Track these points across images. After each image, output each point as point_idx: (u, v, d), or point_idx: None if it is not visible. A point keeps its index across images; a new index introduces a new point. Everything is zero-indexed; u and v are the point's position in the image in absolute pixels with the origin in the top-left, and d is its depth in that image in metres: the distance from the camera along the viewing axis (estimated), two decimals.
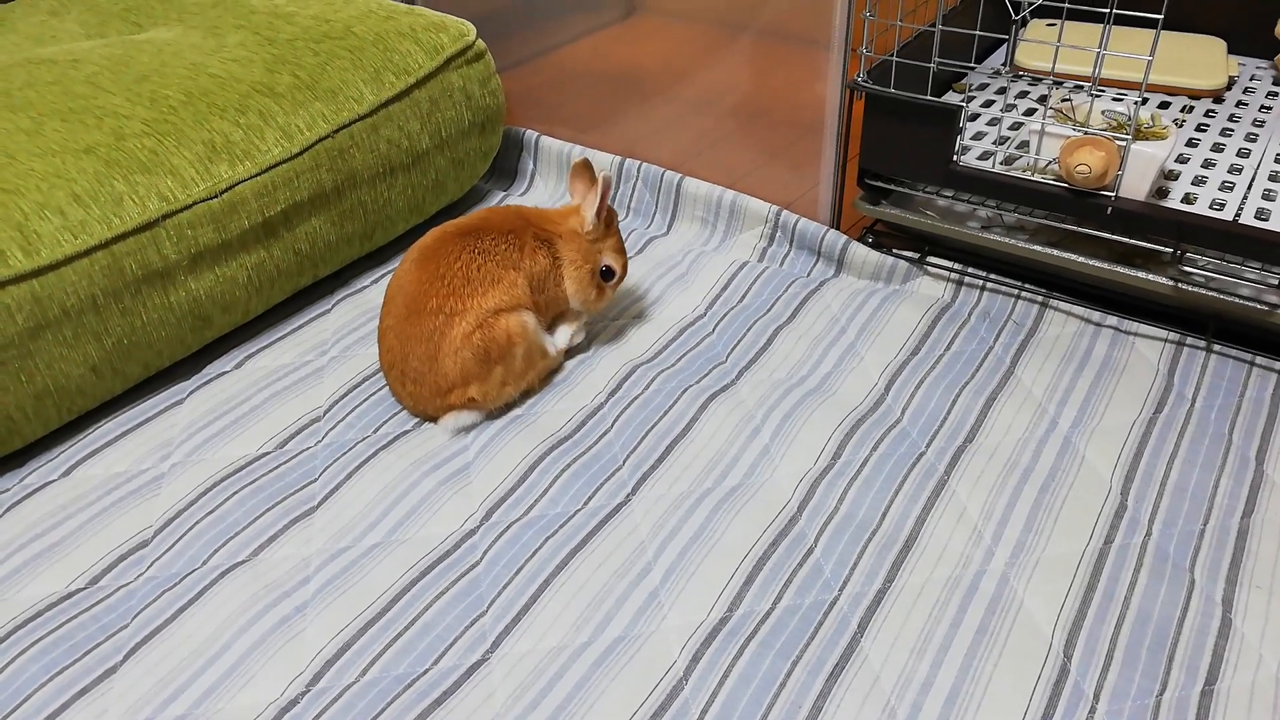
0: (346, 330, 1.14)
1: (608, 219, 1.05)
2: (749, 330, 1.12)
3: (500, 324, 0.96)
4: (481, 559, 0.85)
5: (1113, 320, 1.11)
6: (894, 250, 1.20)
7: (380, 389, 1.04)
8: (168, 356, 1.04)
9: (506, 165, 1.44)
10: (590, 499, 0.91)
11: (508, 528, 0.88)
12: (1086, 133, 1.03)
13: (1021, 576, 0.83)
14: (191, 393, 1.05)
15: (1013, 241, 1.12)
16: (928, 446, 0.95)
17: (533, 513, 0.90)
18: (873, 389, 1.03)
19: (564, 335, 1.07)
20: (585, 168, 1.05)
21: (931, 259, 1.19)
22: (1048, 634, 0.78)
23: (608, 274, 1.06)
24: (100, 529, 0.89)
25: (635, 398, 1.02)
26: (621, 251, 1.07)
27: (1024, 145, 1.17)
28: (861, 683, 0.75)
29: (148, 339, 1.00)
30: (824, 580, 0.83)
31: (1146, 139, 1.05)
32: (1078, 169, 1.01)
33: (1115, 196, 1.03)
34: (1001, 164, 1.13)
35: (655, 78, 1.56)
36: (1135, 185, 1.04)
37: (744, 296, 1.18)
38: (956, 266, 1.19)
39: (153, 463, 0.96)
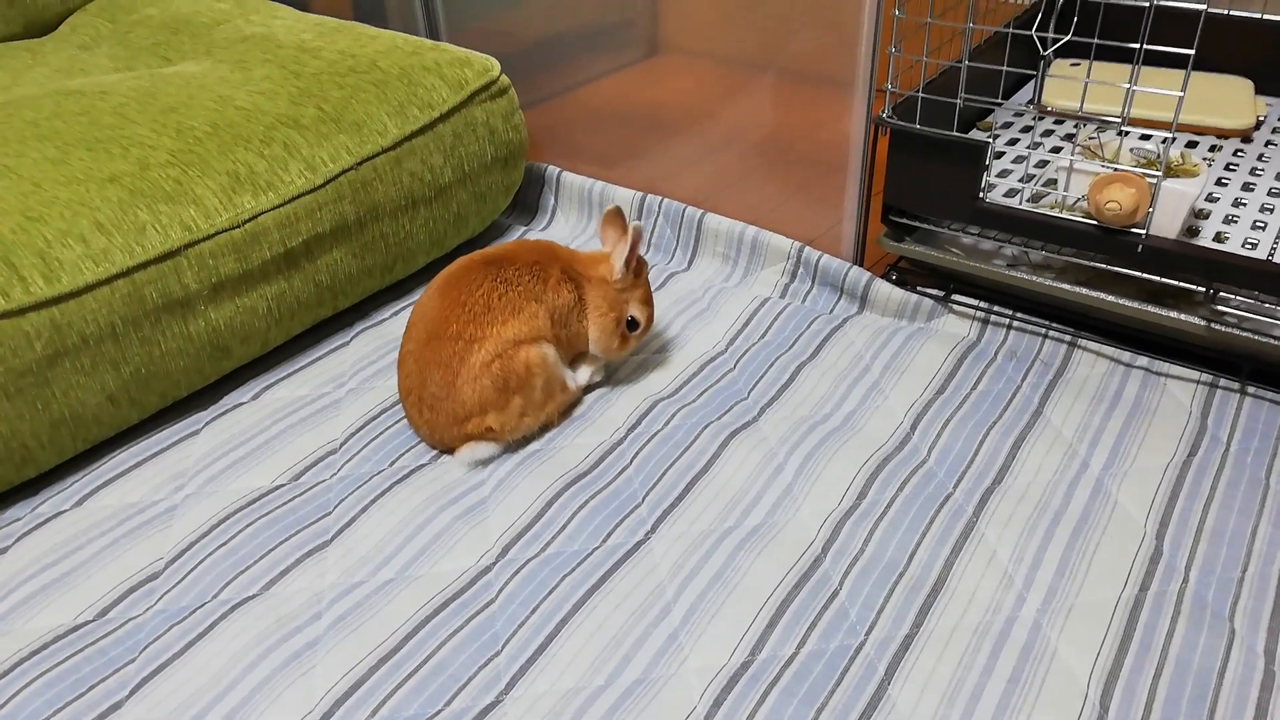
0: (365, 363, 1.13)
1: (637, 269, 1.04)
2: (771, 367, 1.10)
3: (520, 355, 0.95)
4: (497, 596, 0.83)
5: (1143, 361, 1.08)
6: (918, 288, 1.18)
7: (396, 422, 1.03)
8: (185, 387, 1.04)
9: (528, 200, 1.44)
10: (609, 536, 0.89)
11: (524, 565, 0.86)
12: (1116, 169, 1.01)
13: (1055, 623, 0.80)
14: (208, 423, 1.04)
15: (1040, 280, 1.10)
16: (955, 487, 0.93)
17: (549, 550, 0.88)
18: (898, 428, 1.01)
19: (584, 373, 1.06)
20: (617, 216, 1.05)
21: (957, 297, 1.17)
22: (1083, 684, 0.75)
23: (632, 325, 1.05)
24: (111, 560, 0.88)
25: (655, 434, 1.00)
26: (648, 303, 1.06)
27: (1051, 182, 1.15)
28: None
29: (166, 369, 1.00)
30: (849, 624, 0.80)
31: (1177, 176, 1.04)
32: (1108, 206, 1.00)
33: (1146, 234, 1.01)
34: (1028, 201, 1.12)
35: (677, 116, 1.57)
36: (1166, 223, 1.02)
37: (766, 333, 1.16)
38: (982, 305, 1.17)
39: (166, 493, 0.95)
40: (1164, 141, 1.16)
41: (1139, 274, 1.04)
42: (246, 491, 0.95)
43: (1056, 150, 1.26)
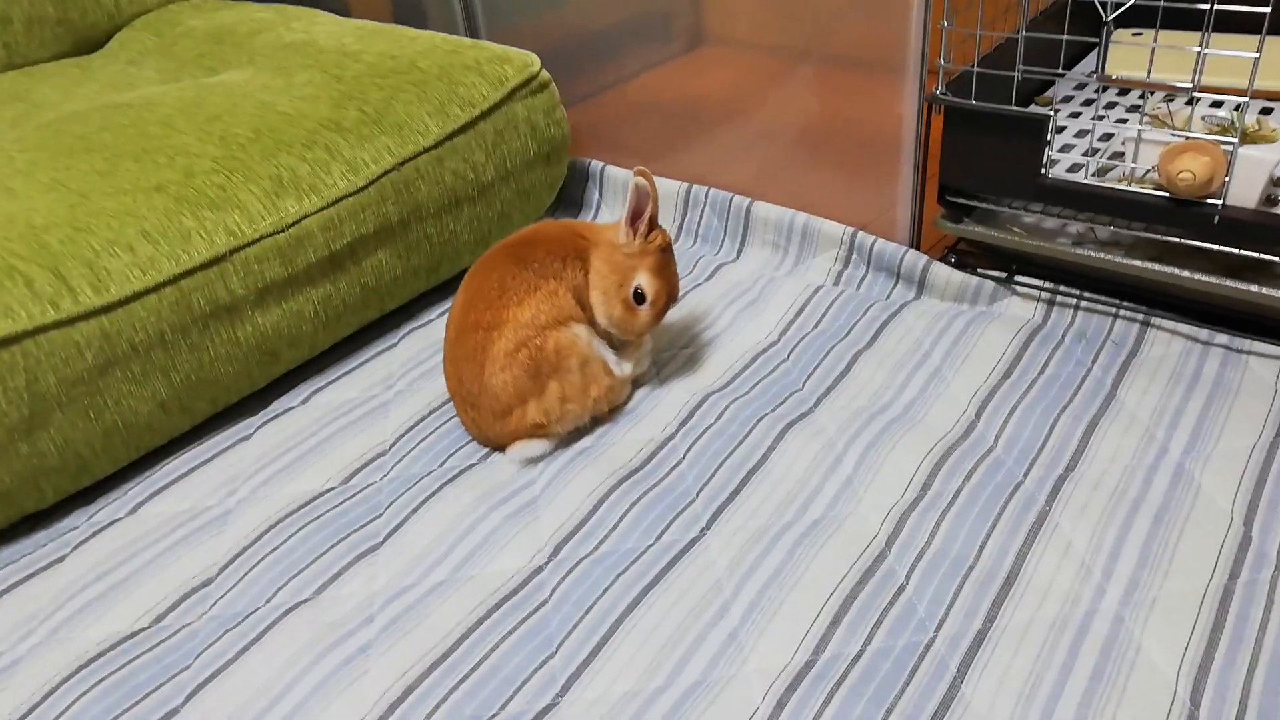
0: (413, 364, 1.12)
1: (656, 237, 0.96)
2: (826, 356, 1.07)
3: (549, 339, 0.93)
4: (550, 597, 0.81)
5: (1222, 338, 1.03)
6: (979, 270, 1.14)
7: (445, 422, 1.02)
8: (235, 392, 1.04)
9: (572, 195, 1.42)
10: (663, 533, 0.86)
11: (577, 564, 0.84)
12: (1189, 137, 0.96)
13: (1138, 616, 0.75)
14: (258, 428, 1.04)
15: (1108, 257, 1.05)
16: (1026, 475, 0.89)
17: (603, 548, 0.85)
18: (962, 415, 0.96)
19: (627, 363, 1.03)
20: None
21: (1020, 278, 1.13)
22: (1171, 680, 0.71)
23: (638, 296, 0.96)
24: (165, 567, 0.88)
25: (708, 427, 0.97)
26: (660, 274, 0.96)
27: (1118, 155, 1.10)
28: None
29: (215, 375, 1.00)
30: (918, 620, 0.76)
31: (1254, 142, 0.98)
32: (1180, 176, 0.94)
33: (1222, 205, 0.95)
34: (1094, 175, 1.07)
35: (723, 106, 1.53)
36: (1243, 192, 0.96)
37: (819, 321, 1.13)
38: (1047, 285, 1.12)
39: (218, 499, 0.95)
40: (1238, 107, 1.10)
41: (1216, 247, 0.98)
42: (298, 495, 0.94)
43: (1122, 122, 1.20)
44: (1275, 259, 0.97)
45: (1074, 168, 1.12)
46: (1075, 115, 1.24)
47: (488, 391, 0.93)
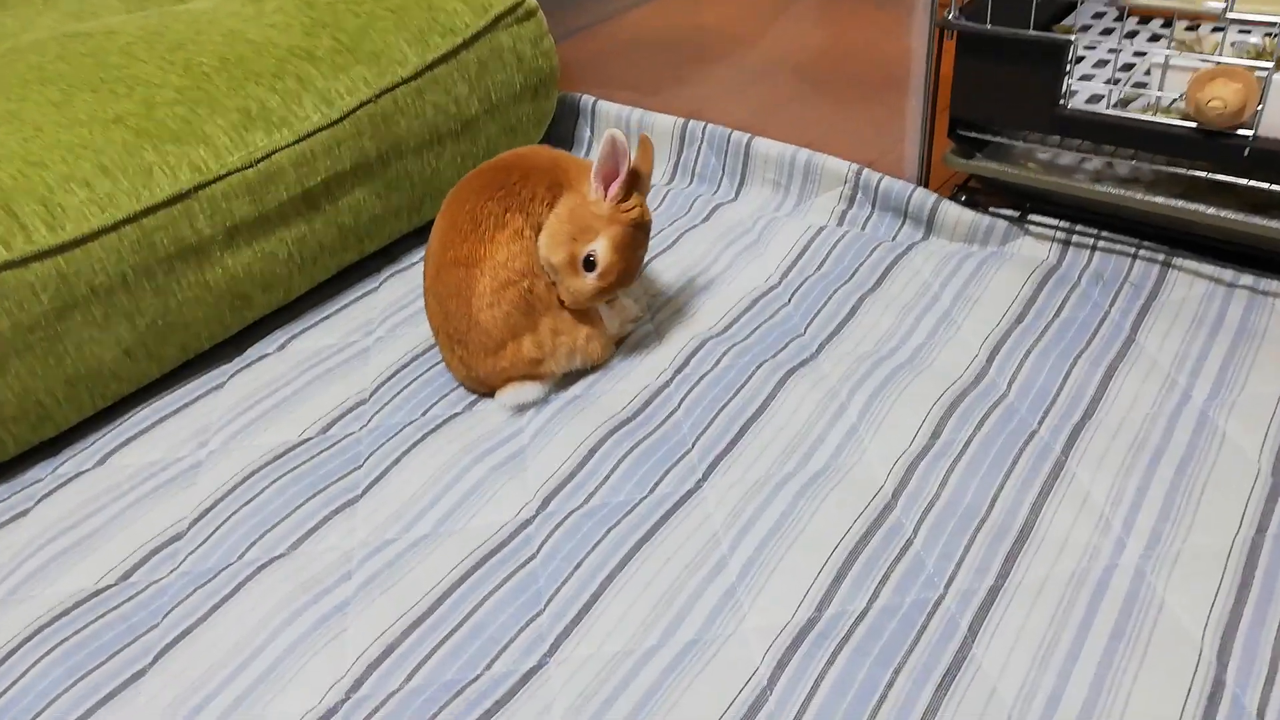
0: (394, 308, 1.06)
1: (633, 208, 0.87)
2: (829, 300, 1.01)
3: (539, 283, 0.88)
4: (538, 552, 0.77)
5: (1248, 279, 0.97)
6: (991, 209, 1.08)
7: (429, 369, 0.97)
8: (206, 338, 0.98)
9: (563, 133, 1.35)
10: (656, 485, 0.81)
11: (566, 517, 0.79)
12: (1220, 62, 0.89)
13: (1160, 571, 0.71)
14: (232, 376, 0.99)
15: (1128, 194, 0.99)
16: (1040, 424, 0.84)
17: (593, 501, 0.81)
18: (973, 361, 0.91)
19: (614, 318, 0.96)
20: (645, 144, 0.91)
21: (1034, 217, 1.07)
22: (1197, 639, 0.67)
23: (588, 262, 0.87)
24: (134, 520, 0.83)
25: (704, 375, 0.92)
26: (620, 251, 0.86)
27: (1141, 85, 1.04)
28: (976, 695, 0.64)
29: (184, 319, 0.94)
30: (926, 576, 0.72)
31: None
32: (1210, 104, 0.88)
33: (1254, 136, 0.89)
34: (1116, 105, 1.01)
35: (722, 39, 1.46)
36: (1278, 122, 0.90)
37: (822, 263, 1.07)
38: (1063, 224, 1.06)
39: (190, 450, 0.90)
40: (1269, 34, 1.04)
41: (1246, 182, 0.93)
42: (273, 446, 0.89)
43: (1142, 54, 1.14)
44: None
45: (1094, 98, 1.06)
46: (1093, 46, 1.17)
47: (478, 327, 0.88)
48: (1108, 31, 1.20)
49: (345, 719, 0.66)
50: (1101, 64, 1.14)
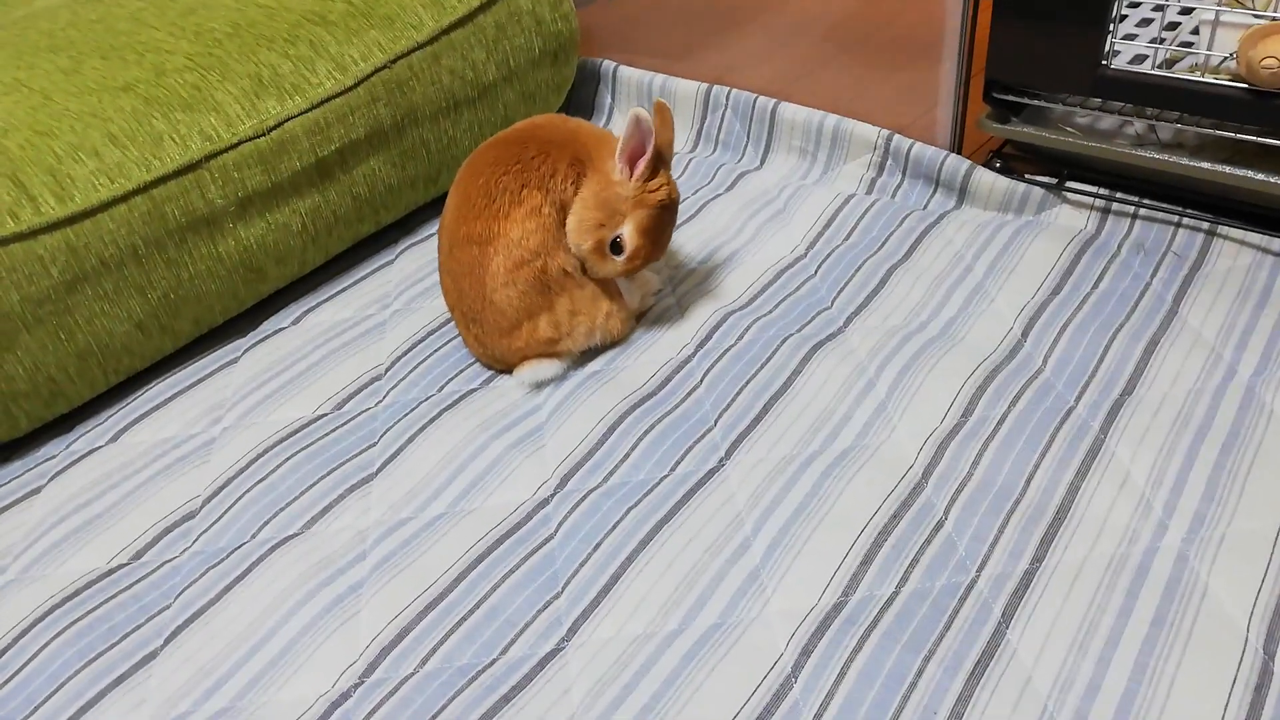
0: (411, 281, 1.04)
1: (659, 188, 0.84)
2: (857, 271, 0.98)
3: (551, 263, 0.85)
4: (556, 532, 0.75)
5: None
6: (1026, 175, 1.04)
7: (446, 344, 0.94)
8: (220, 312, 0.97)
9: (583, 99, 1.32)
10: (678, 464, 0.79)
11: (585, 496, 0.77)
12: (1274, 19, 0.85)
13: (1204, 556, 0.68)
14: (246, 350, 0.97)
15: (1172, 159, 0.95)
16: (1077, 400, 0.81)
17: (613, 479, 0.78)
18: (1007, 335, 0.88)
19: (634, 294, 0.94)
20: (660, 111, 0.86)
21: (1071, 184, 1.03)
22: (1242, 627, 0.64)
23: (615, 246, 0.85)
24: (147, 498, 0.82)
25: (728, 349, 0.90)
26: (648, 235, 0.85)
27: (1187, 45, 0.99)
28: (1011, 684, 0.62)
29: (196, 293, 0.93)
30: (958, 559, 0.69)
31: None
32: (1264, 63, 0.83)
33: None
34: (1161, 65, 0.96)
35: (747, 2, 1.41)
36: None
37: (850, 233, 1.03)
38: (1102, 192, 1.02)
39: (203, 426, 0.89)
40: None
41: None
42: (287, 422, 0.88)
43: (1187, 12, 1.08)
44: None
45: (1137, 58, 1.01)
46: (1136, 3, 1.12)
47: (492, 307, 0.86)
48: None
49: (359, 703, 0.65)
50: (1145, 22, 1.09)
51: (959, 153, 1.07)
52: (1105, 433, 0.77)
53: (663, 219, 0.86)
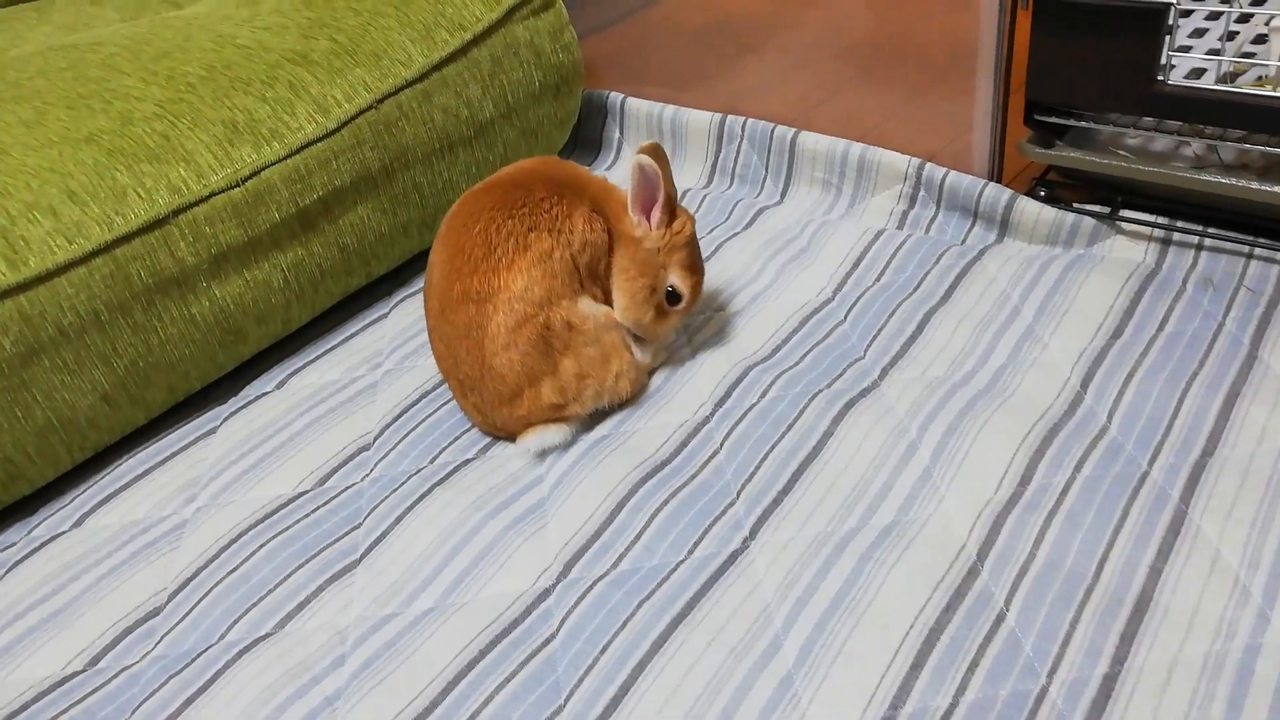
0: (405, 337, 0.96)
1: (682, 226, 0.81)
2: (891, 315, 0.89)
3: (556, 314, 0.77)
4: (558, 630, 0.66)
5: None
6: (1075, 204, 0.94)
7: (440, 407, 0.86)
8: (196, 378, 0.89)
9: (589, 135, 1.24)
10: (696, 545, 0.70)
11: (591, 586, 0.68)
12: None
13: None
14: (226, 419, 0.89)
15: (1237, 183, 0.85)
16: (1151, 464, 0.71)
17: (622, 565, 0.69)
18: (1065, 386, 0.78)
19: (642, 350, 0.85)
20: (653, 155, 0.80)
21: (1126, 212, 0.93)
22: None
23: (673, 298, 0.83)
24: (108, 592, 0.74)
25: (750, 408, 0.81)
26: (693, 269, 0.83)
27: (1249, 55, 0.89)
28: None
29: (168, 359, 0.85)
30: (1025, 661, 0.60)
31: None
32: None
33: None
34: (1222, 80, 0.86)
35: (762, 26, 1.33)
36: None
37: (882, 273, 0.94)
38: (1161, 220, 0.92)
39: (176, 506, 0.81)
40: None
41: None
42: (266, 501, 0.80)
43: (1245, 19, 0.99)
44: None
45: (1195, 72, 0.91)
46: (1188, 11, 1.03)
47: (492, 373, 0.77)
48: None
49: None
50: (1199, 33, 0.99)
51: (998, 181, 0.98)
52: (1187, 503, 0.67)
53: (695, 248, 0.84)
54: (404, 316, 0.99)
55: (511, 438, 0.81)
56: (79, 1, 1.27)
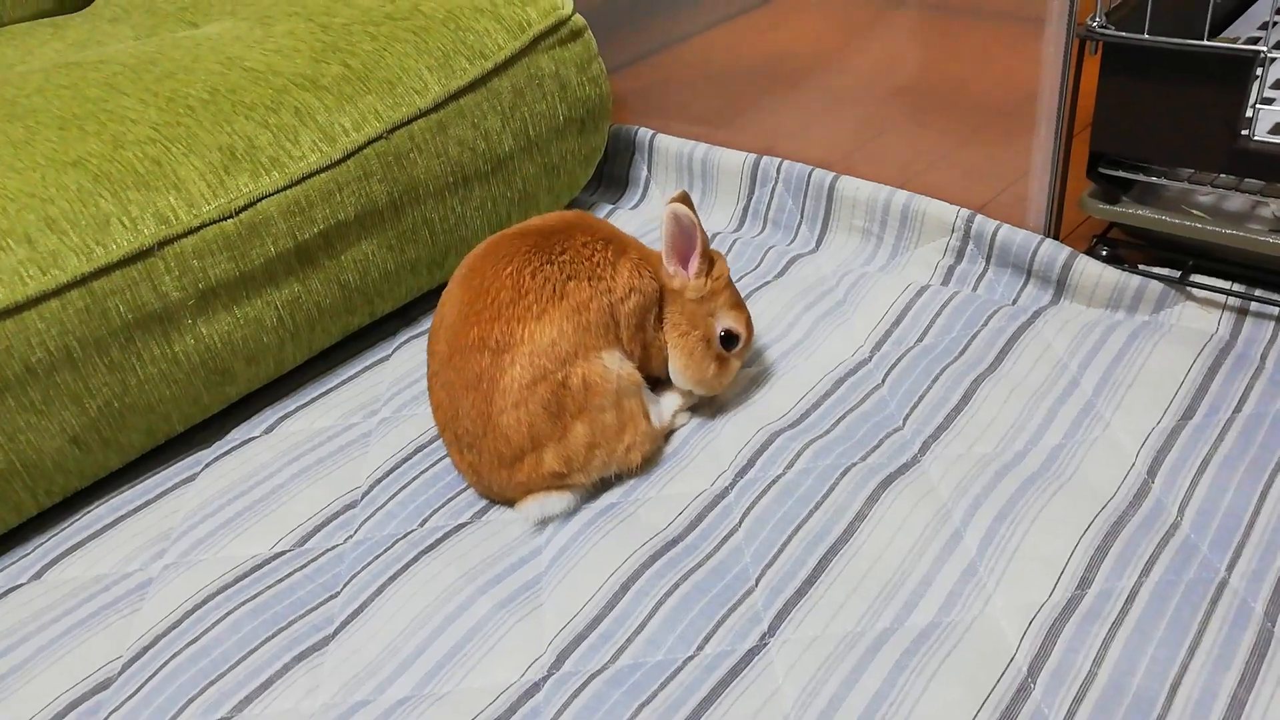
0: (406, 382, 0.89)
1: (720, 269, 0.78)
2: (934, 381, 0.81)
3: (575, 373, 0.70)
4: None
5: None
6: (1141, 266, 0.86)
7: (435, 463, 0.79)
8: (178, 420, 0.83)
9: (615, 172, 1.18)
10: (707, 640, 0.62)
11: (586, 683, 0.60)
12: None
13: None
14: (208, 465, 0.83)
15: None
16: (1230, 570, 0.62)
17: (622, 660, 0.62)
18: (1129, 472, 0.70)
19: (669, 404, 0.79)
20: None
21: (1198, 277, 0.84)
22: None
23: (729, 341, 0.78)
24: (61, 656, 0.67)
25: (774, 480, 0.73)
26: (741, 307, 0.79)
27: None
28: None
29: (147, 400, 0.79)
30: None
31: None
32: None
33: None
34: None
35: (802, 62, 1.27)
36: None
37: (925, 333, 0.86)
38: (1237, 288, 0.83)
39: (143, 562, 0.74)
40: None
41: None
42: (240, 561, 0.73)
43: None
44: None
45: (1277, 128, 0.83)
46: (1271, 60, 0.94)
47: (494, 432, 0.70)
48: None
49: None
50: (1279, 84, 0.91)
51: (1056, 237, 0.90)
52: (1274, 620, 0.58)
53: (736, 291, 0.80)
54: (407, 360, 0.93)
55: (510, 503, 0.74)
56: (96, 18, 1.24)
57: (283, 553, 0.73)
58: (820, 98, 1.20)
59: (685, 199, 0.76)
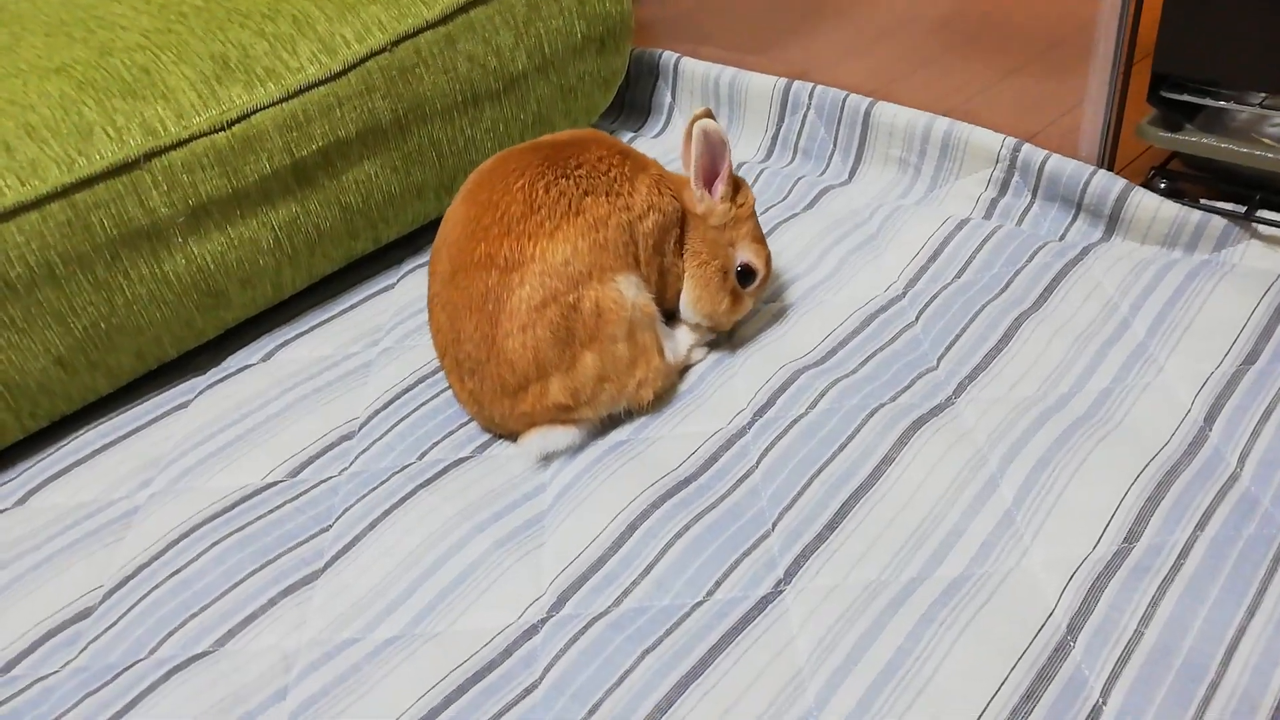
0: (410, 311, 0.85)
1: (745, 197, 0.73)
2: (973, 320, 0.75)
3: (587, 295, 0.65)
4: (541, 679, 0.54)
5: None
6: (1203, 200, 0.79)
7: (438, 394, 0.75)
8: (170, 344, 0.79)
9: (637, 98, 1.11)
10: (718, 586, 0.58)
11: (587, 626, 0.56)
12: None
13: None
14: (202, 392, 0.79)
15: None
16: None
17: (626, 604, 0.57)
18: (1184, 420, 0.64)
19: (683, 340, 0.74)
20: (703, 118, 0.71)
21: (1265, 213, 0.78)
22: None
23: (746, 276, 0.73)
24: (39, 586, 0.64)
25: (796, 420, 0.68)
26: (762, 242, 0.75)
27: None
28: None
29: (136, 321, 0.75)
30: None
31: None
32: None
33: None
34: None
35: None
36: None
37: (963, 270, 0.80)
38: None
39: (129, 490, 0.71)
40: None
41: None
42: (229, 491, 0.69)
43: None
44: None
45: None
46: None
47: (498, 357, 0.66)
48: None
49: None
50: None
51: (1110, 168, 0.83)
52: None
53: (758, 223, 0.75)
54: (412, 289, 0.88)
55: (513, 436, 0.70)
56: None
57: (274, 484, 0.70)
58: (861, 25, 1.13)
59: (711, 115, 0.70)
